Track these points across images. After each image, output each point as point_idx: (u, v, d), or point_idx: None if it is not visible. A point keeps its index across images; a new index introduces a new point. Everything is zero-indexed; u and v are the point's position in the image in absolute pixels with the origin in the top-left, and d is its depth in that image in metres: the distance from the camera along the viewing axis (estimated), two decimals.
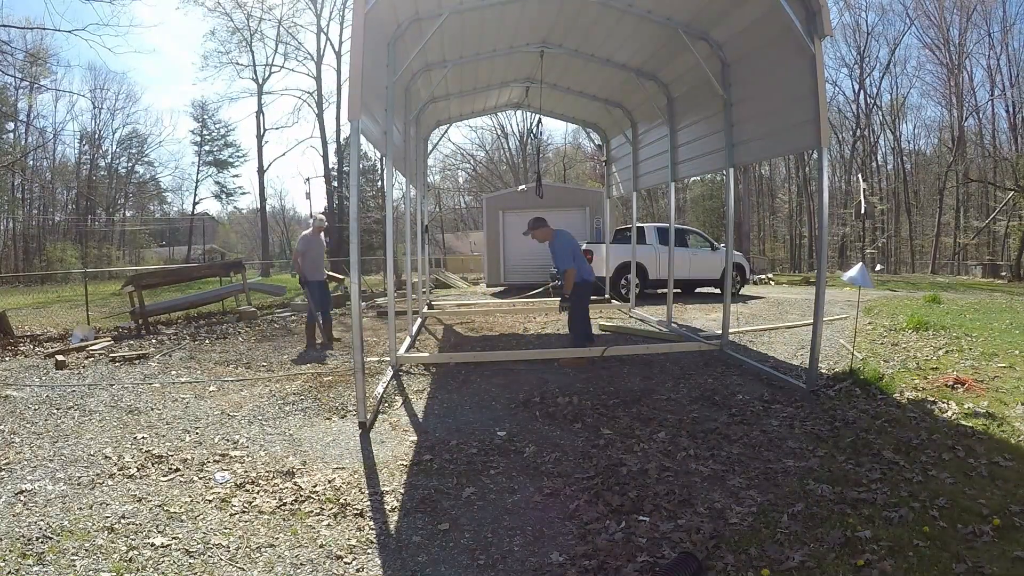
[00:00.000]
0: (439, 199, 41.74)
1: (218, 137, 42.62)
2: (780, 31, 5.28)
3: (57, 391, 5.54)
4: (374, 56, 5.47)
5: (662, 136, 8.60)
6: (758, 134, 6.21)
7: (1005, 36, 28.79)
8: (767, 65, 5.84)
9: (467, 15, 6.78)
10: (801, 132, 5.36)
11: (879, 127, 35.14)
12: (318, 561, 2.67)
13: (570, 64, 8.76)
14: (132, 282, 9.46)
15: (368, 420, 4.44)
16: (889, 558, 2.53)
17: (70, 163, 37.40)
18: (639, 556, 2.62)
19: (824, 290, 5.32)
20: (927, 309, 9.78)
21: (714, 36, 6.52)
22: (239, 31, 33.37)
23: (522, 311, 10.78)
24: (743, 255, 16.29)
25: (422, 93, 8.90)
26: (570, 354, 6.47)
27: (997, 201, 26.74)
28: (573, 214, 16.37)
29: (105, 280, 22.92)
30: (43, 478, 3.53)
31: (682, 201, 38.98)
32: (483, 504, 3.20)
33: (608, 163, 11.69)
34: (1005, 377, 5.36)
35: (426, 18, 6.37)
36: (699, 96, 7.35)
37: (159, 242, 43.57)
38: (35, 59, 22.32)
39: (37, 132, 33.96)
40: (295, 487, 3.42)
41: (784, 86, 5.55)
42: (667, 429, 4.26)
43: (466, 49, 7.97)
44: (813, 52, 4.96)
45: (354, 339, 4.47)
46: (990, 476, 3.33)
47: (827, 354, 6.57)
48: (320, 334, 7.82)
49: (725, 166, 6.81)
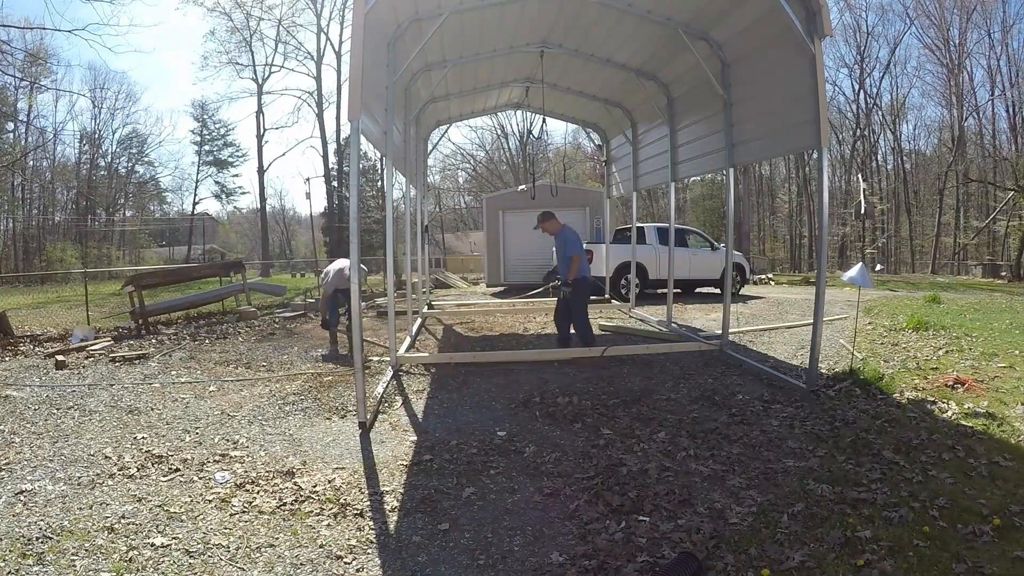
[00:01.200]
0: (439, 199, 41.75)
1: (218, 137, 42.72)
2: (780, 31, 5.28)
3: (57, 391, 5.54)
4: (374, 56, 5.46)
5: (662, 136, 8.60)
6: (758, 134, 6.20)
7: (1005, 36, 28.86)
8: (767, 65, 5.84)
9: (467, 15, 6.78)
10: (801, 132, 5.36)
11: (879, 127, 35.21)
12: (318, 561, 2.67)
13: (570, 64, 8.76)
14: (132, 282, 9.46)
15: (368, 420, 4.44)
16: (889, 558, 2.52)
17: (70, 163, 37.48)
18: (639, 556, 2.62)
19: (824, 290, 5.32)
20: (927, 309, 9.78)
21: (714, 36, 6.52)
22: (239, 31, 33.47)
23: (522, 311, 10.78)
24: (743, 255, 16.28)
25: (422, 93, 8.90)
26: (568, 354, 6.49)
27: (997, 201, 26.75)
28: (573, 214, 16.32)
29: (105, 280, 22.94)
30: (43, 478, 3.53)
31: (682, 201, 38.97)
32: (483, 504, 3.20)
33: (608, 163, 11.70)
34: (1005, 377, 5.36)
35: (426, 18, 6.37)
36: (699, 96, 7.35)
37: (159, 242, 43.59)
38: (35, 59, 22.32)
39: (37, 132, 34.03)
40: (295, 487, 3.42)
41: (784, 86, 5.55)
42: (667, 429, 4.26)
43: (466, 49, 7.97)
44: (813, 52, 4.95)
45: (354, 339, 4.48)
46: (990, 476, 3.33)
47: (827, 354, 6.57)
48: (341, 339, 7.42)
49: (725, 166, 6.81)
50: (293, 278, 27.32)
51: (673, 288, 9.02)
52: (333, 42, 32.85)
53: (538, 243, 16.34)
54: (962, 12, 29.85)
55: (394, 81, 6.19)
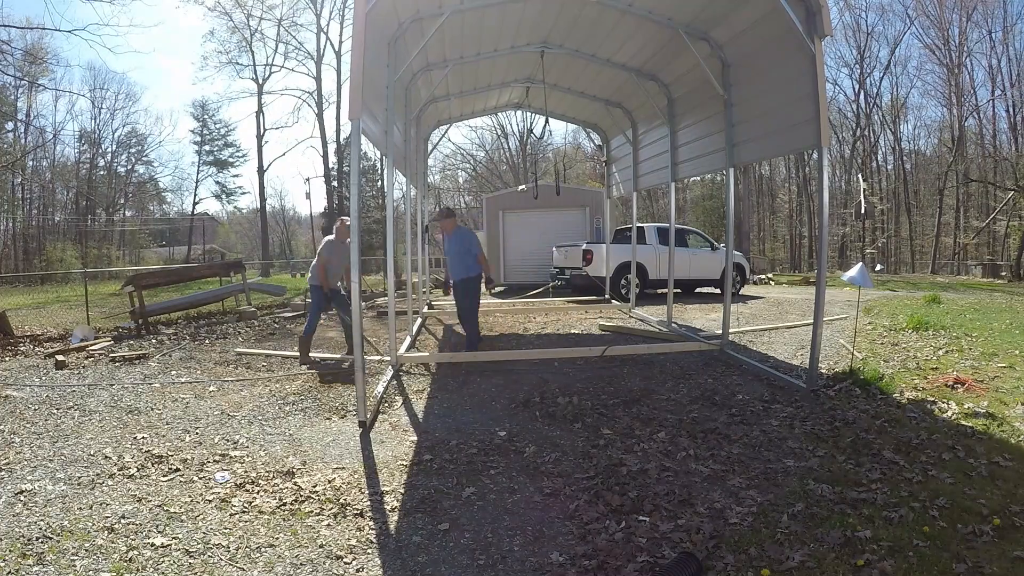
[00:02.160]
0: (439, 199, 41.74)
1: (218, 137, 42.65)
2: (780, 31, 5.28)
3: (57, 391, 5.54)
4: (375, 56, 5.46)
5: (662, 136, 8.60)
6: (758, 134, 6.20)
7: (1005, 36, 28.80)
8: (767, 65, 5.84)
9: (468, 14, 6.78)
10: (801, 132, 5.35)
11: (879, 127, 35.16)
12: (318, 561, 2.67)
13: (571, 64, 8.76)
14: (132, 282, 9.46)
15: (368, 420, 4.44)
16: (889, 558, 2.52)
17: (70, 163, 37.44)
18: (639, 556, 2.62)
19: (824, 290, 5.32)
20: (927, 309, 9.78)
21: (714, 37, 6.51)
22: (239, 31, 33.42)
23: (522, 311, 10.78)
24: (743, 255, 16.30)
25: (423, 93, 8.90)
26: (568, 354, 6.49)
27: (997, 201, 26.74)
28: (573, 214, 16.37)
29: (105, 280, 22.91)
30: (43, 478, 3.53)
31: (682, 201, 38.96)
32: (483, 504, 3.20)
33: (608, 163, 11.70)
34: (1005, 377, 5.37)
35: (427, 17, 6.37)
36: (700, 96, 7.35)
37: (159, 242, 43.56)
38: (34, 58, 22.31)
39: (37, 132, 33.98)
40: (295, 487, 3.42)
41: (784, 86, 5.55)
42: (667, 429, 4.26)
43: (467, 49, 7.96)
44: (813, 52, 4.95)
45: (354, 338, 4.48)
46: (990, 476, 3.33)
47: (827, 354, 6.57)
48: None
49: (726, 166, 6.80)
50: (293, 278, 27.29)
51: (673, 288, 9.02)
52: (333, 42, 32.82)
53: (538, 243, 16.38)
54: (962, 12, 29.84)
55: (394, 81, 6.19)
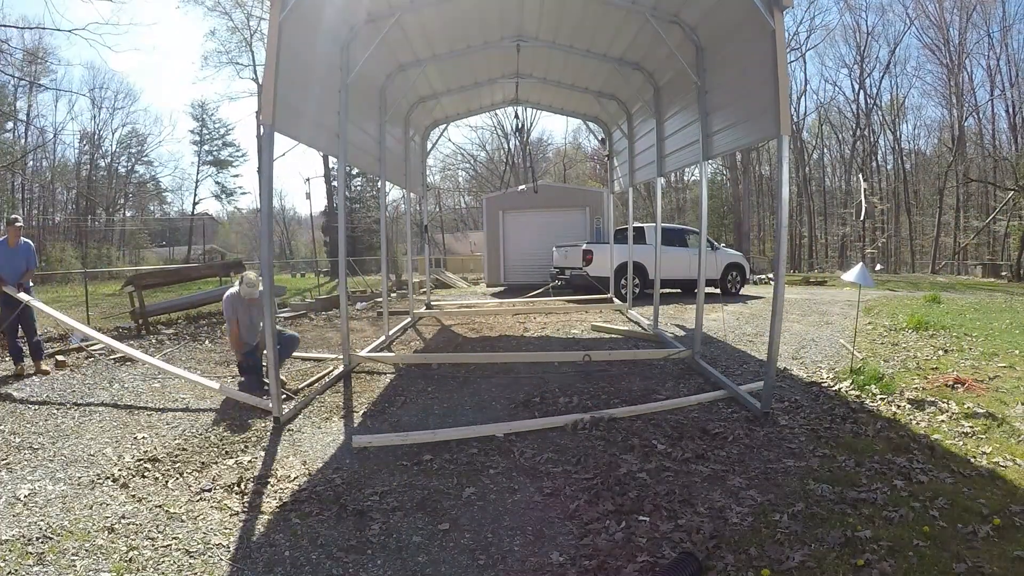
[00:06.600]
0: (439, 199, 41.75)
1: (218, 137, 42.66)
2: (745, 7, 4.72)
3: (57, 391, 5.54)
4: (323, 59, 5.45)
5: (651, 129, 8.16)
6: (728, 123, 5.65)
7: (1005, 36, 28.83)
8: (736, 47, 5.34)
9: (424, 12, 6.63)
10: (763, 119, 4.81)
11: (879, 127, 35.16)
12: (318, 561, 2.67)
13: (553, 58, 8.51)
14: (132, 282, 9.46)
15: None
16: (889, 558, 2.53)
17: (70, 163, 37.45)
18: (639, 556, 2.63)
19: (783, 293, 4.50)
20: (927, 309, 9.78)
21: (685, 18, 6.07)
22: (239, 30, 33.36)
23: (522, 312, 10.77)
24: (743, 255, 16.26)
25: (406, 93, 8.63)
26: (553, 358, 6.37)
27: (997, 201, 26.74)
28: (573, 214, 16.33)
29: (105, 280, 22.88)
30: (43, 478, 3.53)
31: (682, 201, 38.99)
32: (483, 504, 3.20)
33: (610, 157, 11.51)
34: (1005, 377, 5.37)
35: (380, 19, 6.28)
36: (680, 85, 6.84)
37: (159, 242, 43.54)
38: (34, 58, 22.31)
39: (37, 132, 33.98)
40: (295, 487, 3.42)
41: (751, 70, 4.99)
42: (667, 429, 4.26)
43: (438, 47, 7.76)
44: (773, 27, 4.37)
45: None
46: (990, 476, 3.33)
47: (827, 354, 6.58)
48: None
49: (700, 159, 6.23)
50: (293, 278, 27.30)
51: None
52: None
53: (538, 243, 16.37)
54: (962, 12, 29.86)
55: (347, 83, 6.08)
